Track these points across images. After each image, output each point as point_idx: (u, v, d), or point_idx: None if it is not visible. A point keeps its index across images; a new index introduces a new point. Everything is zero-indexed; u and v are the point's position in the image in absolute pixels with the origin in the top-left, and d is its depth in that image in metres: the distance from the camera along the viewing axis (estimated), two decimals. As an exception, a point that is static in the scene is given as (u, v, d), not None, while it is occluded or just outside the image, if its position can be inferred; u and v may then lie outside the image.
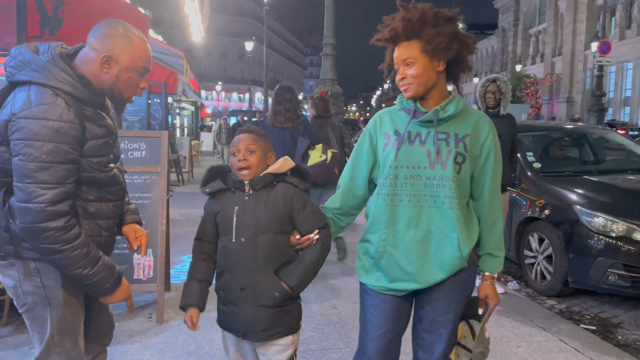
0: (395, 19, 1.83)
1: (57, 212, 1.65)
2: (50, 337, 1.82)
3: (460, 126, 1.85)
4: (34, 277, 1.79)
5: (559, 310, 4.26)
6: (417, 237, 1.84)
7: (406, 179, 1.85)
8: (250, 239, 1.89)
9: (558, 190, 4.58)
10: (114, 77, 1.79)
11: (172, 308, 3.89)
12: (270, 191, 1.93)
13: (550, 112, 42.83)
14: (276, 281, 1.89)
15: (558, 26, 45.51)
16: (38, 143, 1.61)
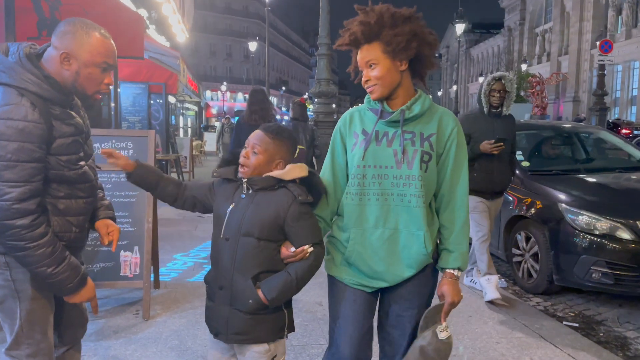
0: (354, 22, 1.86)
1: (24, 209, 1.69)
2: (19, 328, 1.86)
3: (426, 125, 1.88)
4: (3, 271, 1.83)
5: (543, 307, 4.29)
6: (385, 236, 1.87)
7: (374, 178, 1.87)
8: (234, 239, 1.85)
9: (544, 189, 4.61)
10: (74, 73, 1.81)
11: (159, 305, 3.96)
12: (267, 195, 1.87)
13: (557, 112, 42.62)
14: (252, 288, 1.82)
15: (564, 25, 45.26)
16: (3, 142, 1.66)
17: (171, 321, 3.67)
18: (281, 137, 1.90)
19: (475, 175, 4.06)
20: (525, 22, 53.91)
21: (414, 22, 1.84)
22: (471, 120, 4.21)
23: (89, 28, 1.81)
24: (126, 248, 3.78)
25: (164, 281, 4.52)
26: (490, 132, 4.11)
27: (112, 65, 1.87)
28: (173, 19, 10.64)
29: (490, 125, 4.16)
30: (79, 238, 1.98)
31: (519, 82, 21.41)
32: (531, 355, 3.22)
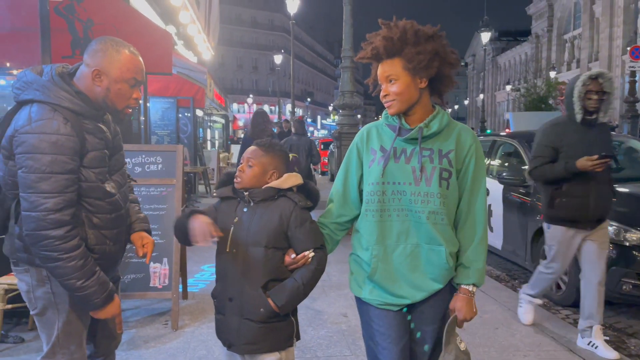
0: (377, 37, 1.88)
1: (58, 220, 1.76)
2: (56, 339, 1.94)
3: (445, 142, 1.88)
4: (45, 284, 1.91)
5: (572, 320, 4.22)
6: (407, 251, 1.88)
7: (393, 195, 1.88)
8: (242, 250, 1.90)
9: (572, 199, 4.53)
10: (105, 89, 1.89)
11: (188, 315, 4.04)
12: (269, 205, 1.94)
13: (587, 119, 41.73)
14: (263, 297, 1.88)
15: (594, 31, 44.42)
16: (38, 155, 1.74)
17: (199, 331, 3.75)
18: (273, 150, 2.00)
19: (564, 201, 3.41)
20: (553, 28, 53.10)
21: (436, 40, 1.85)
22: (560, 131, 3.47)
23: (119, 46, 1.91)
24: (155, 260, 3.89)
25: (192, 292, 4.62)
26: (585, 144, 3.35)
27: (140, 81, 1.96)
28: (198, 39, 10.93)
29: (584, 135, 3.39)
30: (114, 251, 2.03)
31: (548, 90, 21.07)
32: (559, 369, 3.17)
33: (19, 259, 1.91)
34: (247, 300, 1.89)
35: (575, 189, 3.38)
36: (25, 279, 1.94)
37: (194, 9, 9.34)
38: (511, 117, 19.27)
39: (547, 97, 21.07)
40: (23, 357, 3.31)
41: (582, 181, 3.35)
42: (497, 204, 5.51)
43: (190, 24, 9.76)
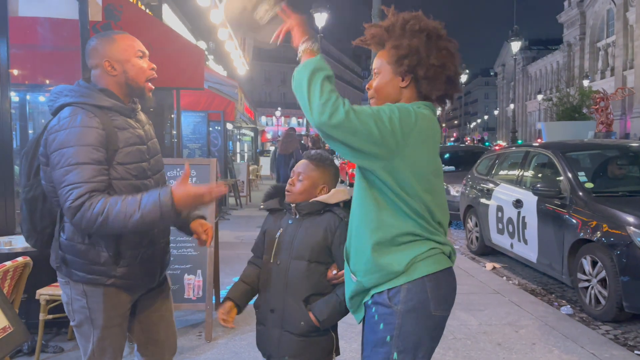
0: (374, 25, 1.75)
1: (82, 201, 1.73)
2: (92, 352, 1.98)
3: None
4: (81, 299, 1.94)
5: (613, 336, 4.08)
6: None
7: None
8: (285, 262, 1.92)
9: (610, 211, 4.42)
10: (122, 73, 1.95)
11: (221, 327, 4.05)
12: (315, 219, 1.95)
13: (624, 128, 40.58)
14: (304, 310, 1.89)
15: (628, 38, 43.38)
16: (64, 150, 1.77)
17: (232, 343, 3.77)
18: (323, 164, 2.01)
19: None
20: (586, 36, 52.07)
21: (422, 37, 1.63)
22: None
23: (107, 35, 1.99)
24: (189, 271, 3.94)
25: (224, 304, 4.65)
26: None
27: (144, 51, 2.01)
28: (235, 54, 11.13)
29: None
30: (153, 254, 2.01)
31: (582, 98, 20.58)
32: (601, 387, 3.07)
33: (60, 270, 1.96)
34: (289, 312, 1.91)
35: None
36: (66, 290, 1.99)
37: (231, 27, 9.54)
38: (543, 127, 18.93)
39: (581, 106, 20.55)
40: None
41: None
42: (532, 216, 5.40)
43: (228, 40, 9.94)
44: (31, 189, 1.95)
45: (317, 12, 16.40)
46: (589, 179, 5.07)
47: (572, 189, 4.91)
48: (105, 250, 1.88)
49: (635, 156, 5.62)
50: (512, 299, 4.82)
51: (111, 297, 1.94)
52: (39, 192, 1.94)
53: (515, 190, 5.92)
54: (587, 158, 5.82)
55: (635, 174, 5.52)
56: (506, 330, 4.00)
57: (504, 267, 6.45)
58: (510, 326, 4.09)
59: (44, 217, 1.97)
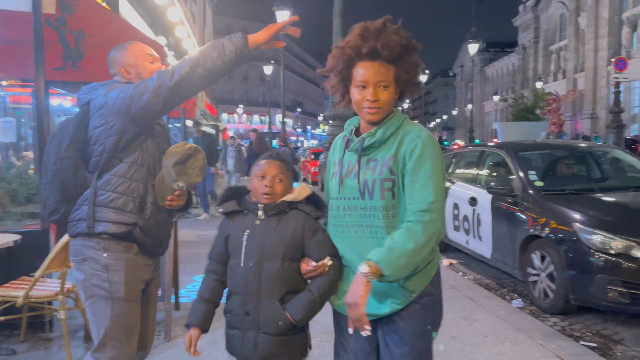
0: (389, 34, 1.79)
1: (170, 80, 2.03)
2: (108, 328, 2.10)
3: (388, 150, 1.78)
4: (101, 272, 2.10)
5: (560, 327, 4.29)
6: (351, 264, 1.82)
7: (345, 210, 1.84)
8: (257, 264, 1.89)
9: (558, 208, 4.64)
10: (136, 75, 2.25)
11: (180, 326, 4.04)
12: (281, 218, 1.94)
13: (574, 129, 42.27)
14: (280, 310, 1.88)
15: (579, 42, 45.17)
16: (125, 86, 2.13)
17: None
18: (289, 165, 2.04)
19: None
20: (540, 40, 53.92)
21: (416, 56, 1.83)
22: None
23: (123, 45, 2.32)
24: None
25: (184, 303, 4.62)
26: None
27: (155, 56, 2.31)
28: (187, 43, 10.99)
29: None
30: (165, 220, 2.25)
31: (535, 100, 21.33)
32: (548, 375, 3.23)
33: (86, 233, 2.10)
34: (265, 314, 1.89)
35: None
36: (83, 268, 2.13)
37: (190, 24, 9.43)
38: (499, 127, 19.49)
39: (534, 107, 21.32)
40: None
41: None
42: (486, 213, 5.60)
43: (186, 39, 9.84)
44: (63, 161, 2.11)
45: (280, 9, 16.38)
46: (539, 178, 5.30)
47: (523, 188, 5.12)
48: (132, 201, 2.12)
49: (582, 156, 5.91)
50: (467, 293, 4.98)
51: (131, 269, 2.13)
52: (71, 163, 2.12)
53: (470, 189, 6.11)
54: (538, 158, 6.06)
55: (582, 173, 5.79)
56: (461, 324, 4.14)
57: (460, 263, 6.65)
58: (465, 320, 4.24)
59: (77, 184, 2.13)
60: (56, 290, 3.44)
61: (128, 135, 2.13)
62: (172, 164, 2.12)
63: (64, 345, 3.61)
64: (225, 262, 2.00)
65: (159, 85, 2.02)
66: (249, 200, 1.98)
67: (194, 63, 2.00)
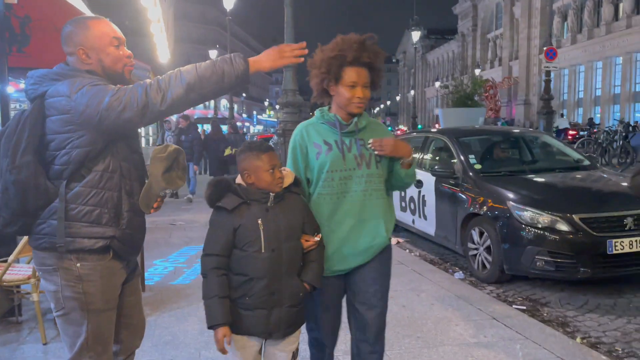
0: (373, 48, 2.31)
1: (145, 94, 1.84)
2: (84, 340, 1.96)
3: (371, 134, 2.32)
4: (75, 284, 1.93)
5: (496, 294, 4.81)
6: (352, 224, 2.27)
7: (341, 180, 2.27)
8: (278, 248, 2.04)
9: (494, 188, 5.15)
10: (97, 61, 1.96)
11: (148, 306, 4.23)
12: (284, 202, 2.11)
13: (509, 114, 44.36)
14: (300, 283, 2.11)
15: (514, 31, 47.22)
16: (93, 89, 1.85)
17: (161, 319, 3.97)
18: None
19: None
20: (478, 28, 55.89)
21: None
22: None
23: (85, 20, 2.00)
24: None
25: (149, 285, 4.80)
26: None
27: (120, 38, 2.01)
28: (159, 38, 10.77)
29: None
30: (140, 223, 2.11)
31: (473, 87, 22.35)
32: (484, 334, 3.69)
33: (53, 248, 1.92)
34: (289, 289, 2.08)
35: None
36: (54, 279, 1.95)
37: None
38: (440, 113, 20.34)
39: (473, 94, 22.35)
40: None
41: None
42: (430, 195, 6.06)
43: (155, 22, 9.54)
44: (20, 170, 1.85)
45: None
46: (478, 161, 5.79)
47: (463, 170, 5.60)
48: (107, 212, 1.94)
49: (516, 141, 6.48)
50: (414, 268, 5.42)
51: (107, 277, 1.98)
52: (29, 173, 1.86)
53: (416, 172, 6.55)
54: (477, 142, 6.58)
55: (516, 156, 6.37)
56: (409, 295, 4.56)
57: (407, 241, 7.12)
58: (413, 291, 4.66)
59: (38, 198, 1.90)
60: (28, 274, 3.55)
61: (99, 145, 1.91)
62: (161, 173, 2.02)
63: (34, 328, 3.75)
64: (228, 254, 2.05)
65: (144, 105, 1.83)
66: (248, 190, 2.06)
67: (189, 87, 1.85)
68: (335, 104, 2.32)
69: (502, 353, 3.37)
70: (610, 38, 34.77)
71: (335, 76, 2.24)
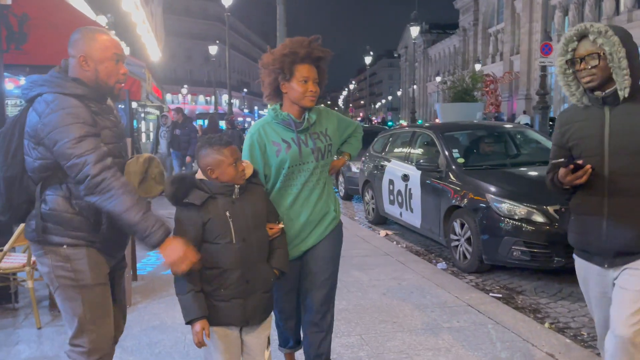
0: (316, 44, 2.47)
1: (104, 165, 1.96)
2: (82, 314, 2.09)
3: (323, 123, 2.55)
4: (65, 264, 2.07)
5: (475, 283, 4.99)
6: (310, 210, 2.50)
7: (300, 173, 2.47)
8: (249, 237, 2.12)
9: (475, 181, 5.32)
10: (94, 71, 2.10)
11: (139, 294, 4.44)
12: (247, 193, 2.19)
13: (511, 109, 44.38)
14: (270, 269, 2.22)
15: (515, 26, 47.12)
16: (63, 127, 1.94)
17: (151, 307, 4.16)
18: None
19: (571, 224, 2.35)
20: (479, 22, 55.75)
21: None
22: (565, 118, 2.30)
23: (93, 31, 2.14)
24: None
25: (141, 274, 5.00)
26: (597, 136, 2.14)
27: (121, 55, 2.15)
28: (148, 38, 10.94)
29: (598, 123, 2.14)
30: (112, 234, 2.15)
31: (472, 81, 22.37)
32: (458, 319, 3.87)
33: (40, 240, 2.08)
34: (261, 276, 2.18)
35: (583, 204, 2.22)
36: (44, 261, 2.10)
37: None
38: (438, 108, 20.39)
39: (472, 89, 22.40)
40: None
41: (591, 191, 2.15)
42: (416, 188, 6.23)
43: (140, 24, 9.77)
44: (9, 168, 2.07)
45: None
46: (461, 155, 5.96)
47: (447, 164, 5.77)
48: (87, 219, 2.07)
49: (499, 135, 6.65)
50: (398, 259, 5.60)
51: (93, 257, 2.11)
52: (17, 171, 2.07)
53: (403, 166, 6.73)
54: (463, 137, 6.75)
55: (498, 150, 6.53)
56: (391, 284, 4.74)
57: (395, 233, 7.31)
58: (395, 280, 4.85)
59: (21, 194, 2.10)
60: (23, 262, 3.75)
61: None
62: (137, 186, 2.13)
63: (30, 314, 3.95)
64: (199, 249, 2.07)
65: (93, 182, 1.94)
66: (212, 184, 2.11)
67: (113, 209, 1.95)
68: (287, 100, 2.45)
69: (472, 336, 3.56)
70: (611, 32, 34.67)
71: (288, 73, 2.38)
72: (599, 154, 2.11)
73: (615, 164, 2.08)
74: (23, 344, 3.48)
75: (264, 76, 2.48)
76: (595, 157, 2.10)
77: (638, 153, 2.04)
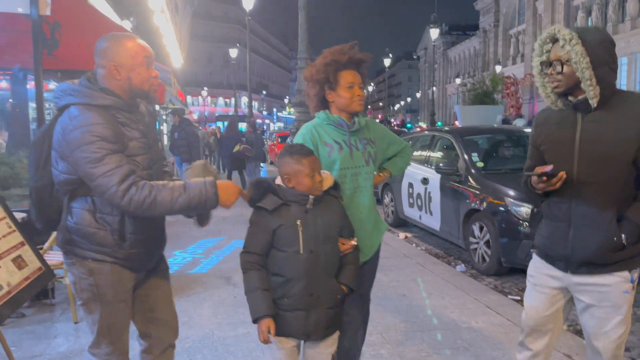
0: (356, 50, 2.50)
1: (129, 185, 1.90)
2: (100, 328, 2.12)
3: (371, 131, 2.56)
4: (88, 277, 2.07)
5: (494, 285, 5.07)
6: (362, 219, 2.45)
7: (352, 177, 2.44)
8: (317, 249, 2.07)
9: (494, 185, 5.39)
10: (126, 79, 2.04)
11: (167, 292, 4.62)
12: (322, 204, 2.13)
13: (532, 111, 43.89)
14: (337, 285, 2.15)
15: (537, 27, 46.63)
16: (85, 147, 1.89)
17: (179, 304, 4.28)
18: None
19: (541, 226, 2.29)
20: (499, 24, 55.28)
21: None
22: (542, 119, 2.27)
23: (119, 38, 2.07)
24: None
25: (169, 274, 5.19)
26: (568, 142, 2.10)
27: (151, 57, 2.09)
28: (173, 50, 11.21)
29: (570, 129, 2.10)
30: (151, 235, 2.18)
31: (492, 84, 22.26)
32: (476, 320, 3.97)
33: (67, 251, 2.09)
34: (327, 291, 2.12)
35: (552, 210, 2.18)
36: (73, 270, 2.11)
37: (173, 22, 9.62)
38: (458, 111, 20.36)
39: (492, 91, 22.29)
40: (26, 328, 3.83)
41: (562, 198, 2.11)
42: (435, 191, 6.32)
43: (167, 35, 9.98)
44: (40, 178, 2.09)
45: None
46: (480, 159, 6.04)
47: (467, 168, 5.86)
48: (111, 234, 2.03)
49: (519, 139, 6.69)
50: (418, 261, 5.70)
51: (116, 273, 2.08)
52: (47, 182, 2.09)
53: (423, 169, 6.83)
54: (481, 141, 6.82)
55: (518, 154, 6.57)
56: (410, 285, 4.85)
57: (414, 236, 7.40)
58: (414, 282, 4.95)
59: (51, 204, 2.13)
60: (60, 260, 3.95)
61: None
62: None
63: (66, 310, 4.16)
64: (266, 253, 2.10)
65: (123, 204, 1.91)
66: (288, 192, 2.10)
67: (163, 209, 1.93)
68: (335, 109, 2.45)
69: (490, 337, 3.65)
70: (635, 34, 34.20)
71: (333, 81, 2.39)
72: (569, 160, 2.07)
73: (583, 172, 2.05)
74: (61, 337, 3.68)
75: (309, 89, 2.49)
76: (566, 163, 2.06)
77: (605, 162, 2.01)
